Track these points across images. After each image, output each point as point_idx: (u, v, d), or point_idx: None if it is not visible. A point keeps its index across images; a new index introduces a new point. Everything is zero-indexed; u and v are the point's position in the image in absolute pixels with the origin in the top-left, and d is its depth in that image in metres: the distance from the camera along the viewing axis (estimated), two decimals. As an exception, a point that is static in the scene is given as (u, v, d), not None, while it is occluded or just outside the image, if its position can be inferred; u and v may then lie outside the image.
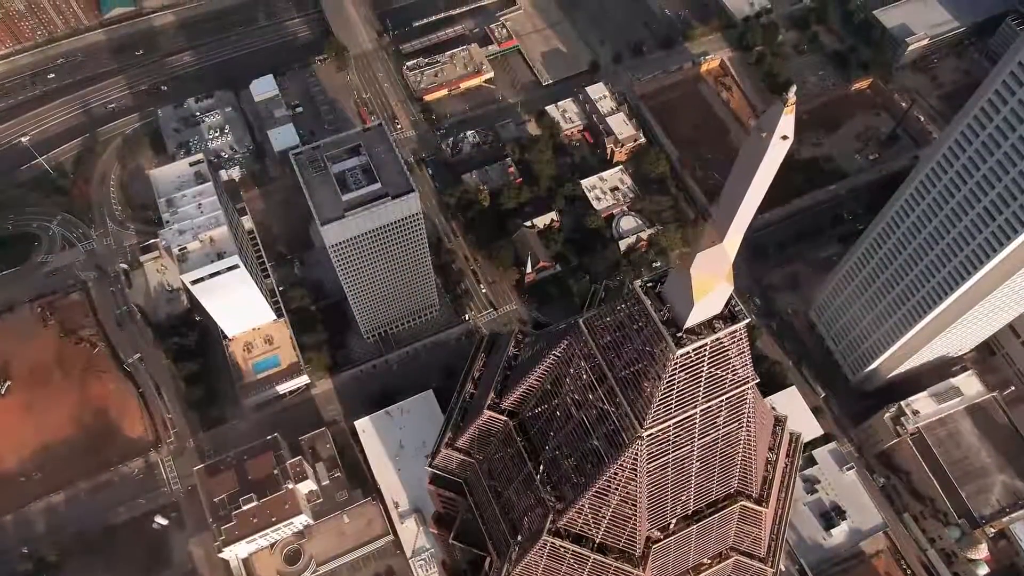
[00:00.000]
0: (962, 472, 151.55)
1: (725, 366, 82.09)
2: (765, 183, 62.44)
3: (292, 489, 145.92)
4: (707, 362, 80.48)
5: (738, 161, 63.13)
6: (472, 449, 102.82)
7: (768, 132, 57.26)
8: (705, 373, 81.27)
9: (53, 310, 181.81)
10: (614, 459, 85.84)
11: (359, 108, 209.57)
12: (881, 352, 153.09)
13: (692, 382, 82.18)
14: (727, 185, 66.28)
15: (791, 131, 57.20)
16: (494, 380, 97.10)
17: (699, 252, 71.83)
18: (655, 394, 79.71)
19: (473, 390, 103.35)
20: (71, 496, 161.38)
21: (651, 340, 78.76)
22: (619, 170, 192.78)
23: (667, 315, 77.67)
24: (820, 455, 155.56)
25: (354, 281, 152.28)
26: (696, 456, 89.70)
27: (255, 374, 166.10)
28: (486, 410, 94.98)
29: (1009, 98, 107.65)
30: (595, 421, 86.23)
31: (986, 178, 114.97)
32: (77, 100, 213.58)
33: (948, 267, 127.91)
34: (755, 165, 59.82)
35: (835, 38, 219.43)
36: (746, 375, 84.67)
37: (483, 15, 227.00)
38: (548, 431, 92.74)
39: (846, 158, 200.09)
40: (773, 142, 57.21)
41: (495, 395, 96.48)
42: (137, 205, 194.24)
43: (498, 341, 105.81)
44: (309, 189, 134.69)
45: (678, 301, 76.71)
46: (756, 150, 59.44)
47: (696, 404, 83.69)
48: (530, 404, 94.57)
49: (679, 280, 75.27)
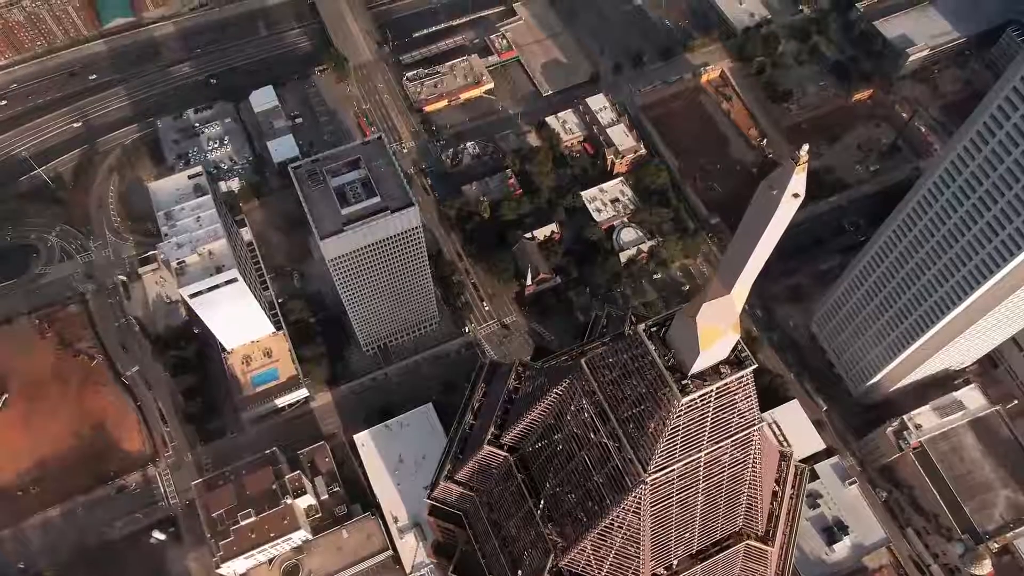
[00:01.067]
0: (965, 487, 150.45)
1: (731, 410, 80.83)
2: (774, 239, 61.42)
3: (291, 504, 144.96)
4: (713, 406, 79.09)
5: (747, 216, 62.08)
6: (472, 482, 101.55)
7: (779, 190, 56.19)
8: (711, 417, 79.96)
9: (51, 322, 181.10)
10: (617, 502, 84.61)
11: (359, 119, 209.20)
12: (883, 366, 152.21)
13: (697, 427, 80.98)
14: (735, 238, 65.28)
15: (803, 189, 56.07)
16: (494, 413, 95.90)
17: (705, 303, 70.66)
18: (659, 439, 78.45)
19: (473, 420, 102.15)
20: (68, 511, 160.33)
21: (655, 384, 77.38)
22: (619, 181, 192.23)
23: (672, 360, 76.18)
24: (822, 469, 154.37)
25: (353, 295, 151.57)
26: (701, 497, 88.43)
27: (254, 387, 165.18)
28: (486, 445, 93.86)
29: (1012, 113, 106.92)
30: (598, 461, 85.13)
31: (989, 193, 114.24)
32: (76, 111, 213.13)
33: (951, 281, 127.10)
34: (765, 222, 58.73)
35: (835, 48, 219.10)
36: (752, 418, 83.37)
37: (483, 26, 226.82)
38: (549, 467, 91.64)
39: (847, 169, 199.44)
40: (784, 200, 56.05)
41: (495, 429, 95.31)
42: (136, 216, 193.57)
43: (498, 370, 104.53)
44: (308, 203, 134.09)
45: (683, 348, 75.40)
46: (766, 207, 58.26)
47: (701, 448, 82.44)
48: (531, 440, 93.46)
49: (684, 328, 74.02)
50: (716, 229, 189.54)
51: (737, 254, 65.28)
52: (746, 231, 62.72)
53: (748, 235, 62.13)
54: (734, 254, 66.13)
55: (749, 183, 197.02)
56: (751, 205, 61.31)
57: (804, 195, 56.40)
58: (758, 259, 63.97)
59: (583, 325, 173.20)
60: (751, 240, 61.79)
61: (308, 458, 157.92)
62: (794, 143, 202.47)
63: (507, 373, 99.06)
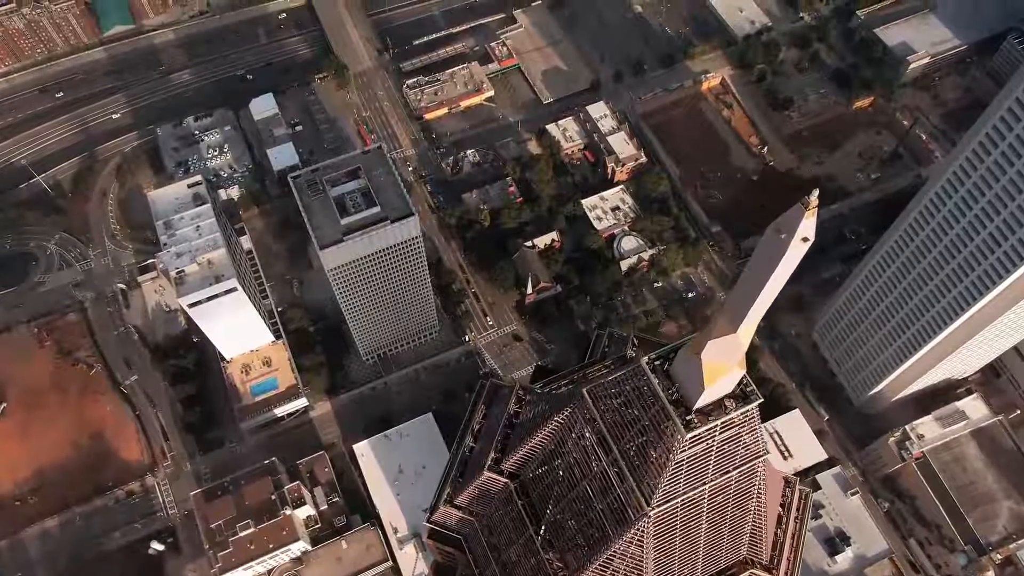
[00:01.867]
0: (968, 497, 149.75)
1: (736, 442, 79.86)
2: (783, 281, 60.90)
3: (290, 515, 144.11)
4: (717, 440, 78.13)
5: (754, 257, 61.55)
6: (471, 507, 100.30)
7: (788, 234, 55.58)
8: (715, 451, 79.01)
9: (50, 331, 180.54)
10: (620, 534, 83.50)
11: (359, 127, 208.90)
12: (885, 375, 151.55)
13: (702, 461, 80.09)
14: (742, 278, 64.75)
15: (812, 233, 55.63)
16: (495, 438, 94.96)
17: (711, 340, 69.90)
18: (663, 473, 77.47)
19: (473, 443, 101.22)
20: (66, 521, 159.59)
21: (658, 418, 76.34)
22: (620, 189, 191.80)
23: (676, 394, 75.31)
24: (824, 480, 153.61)
25: (353, 304, 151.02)
26: (705, 527, 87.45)
27: (253, 397, 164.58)
28: (486, 471, 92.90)
29: (1015, 125, 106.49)
30: (599, 491, 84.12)
31: (992, 204, 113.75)
32: (76, 118, 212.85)
33: (954, 291, 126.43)
34: (773, 265, 58.16)
35: (836, 56, 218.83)
36: (757, 450, 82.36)
37: (483, 33, 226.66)
38: (550, 495, 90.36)
39: (848, 177, 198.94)
40: (793, 244, 55.59)
41: (495, 454, 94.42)
42: (135, 224, 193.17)
43: (499, 392, 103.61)
44: (308, 213, 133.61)
45: (687, 383, 74.46)
46: (774, 250, 57.64)
47: (705, 481, 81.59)
48: (532, 466, 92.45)
49: (689, 363, 73.12)
50: (717, 237, 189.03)
51: (744, 294, 64.63)
52: (753, 272, 62.13)
53: (755, 277, 61.60)
54: (741, 293, 65.46)
55: (750, 191, 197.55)
56: (758, 247, 60.88)
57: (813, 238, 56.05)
58: (765, 300, 63.53)
59: (583, 334, 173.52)
60: (758, 282, 61.20)
61: (307, 468, 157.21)
62: (795, 151, 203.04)
63: (507, 396, 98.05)
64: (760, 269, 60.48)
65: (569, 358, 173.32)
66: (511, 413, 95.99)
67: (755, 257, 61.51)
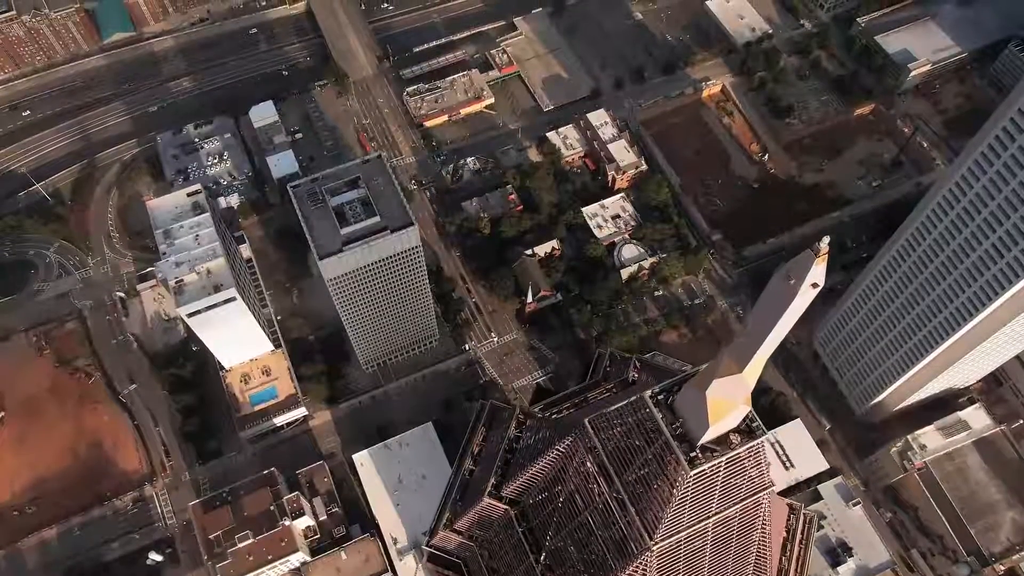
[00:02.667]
0: (971, 508, 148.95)
1: (741, 476, 79.18)
2: (790, 324, 60.72)
3: (289, 526, 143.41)
4: (722, 475, 77.32)
5: (763, 300, 61.37)
6: (471, 532, 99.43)
7: (797, 280, 55.47)
8: (720, 485, 78.20)
9: (49, 339, 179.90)
10: (622, 567, 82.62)
11: (359, 134, 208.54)
12: (887, 385, 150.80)
13: (706, 495, 79.31)
14: (750, 320, 64.43)
15: (822, 279, 55.47)
16: (495, 464, 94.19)
17: (716, 379, 69.37)
18: (666, 507, 76.56)
19: (472, 466, 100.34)
20: (64, 531, 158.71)
21: (662, 452, 75.65)
22: (620, 197, 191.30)
23: (679, 429, 74.48)
24: (826, 490, 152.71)
25: (353, 314, 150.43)
26: (708, 558, 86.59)
27: (252, 406, 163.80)
28: (486, 497, 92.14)
29: (1017, 136, 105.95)
30: (601, 523, 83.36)
31: (994, 215, 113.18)
32: (76, 126, 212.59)
33: (957, 302, 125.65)
34: (781, 310, 58.05)
35: (837, 64, 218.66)
36: (763, 483, 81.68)
37: (483, 41, 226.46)
38: (551, 522, 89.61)
39: (848, 184, 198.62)
40: (803, 290, 55.37)
41: (496, 480, 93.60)
42: (135, 232, 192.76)
43: (498, 414, 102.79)
44: (307, 222, 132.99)
45: (692, 419, 73.86)
46: (782, 296, 57.53)
47: (710, 515, 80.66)
48: (532, 493, 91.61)
49: (693, 399, 72.63)
50: (718, 245, 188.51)
51: (752, 336, 64.28)
52: (761, 315, 61.91)
53: (763, 319, 61.44)
54: (748, 335, 65.02)
55: (751, 199, 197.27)
56: (766, 291, 60.76)
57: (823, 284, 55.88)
58: (773, 342, 63.36)
59: (584, 342, 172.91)
60: (766, 325, 60.98)
61: (307, 478, 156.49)
62: (796, 158, 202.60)
63: (507, 419, 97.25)
64: (768, 312, 60.32)
65: (570, 367, 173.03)
66: (511, 437, 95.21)
67: (763, 300, 61.32)
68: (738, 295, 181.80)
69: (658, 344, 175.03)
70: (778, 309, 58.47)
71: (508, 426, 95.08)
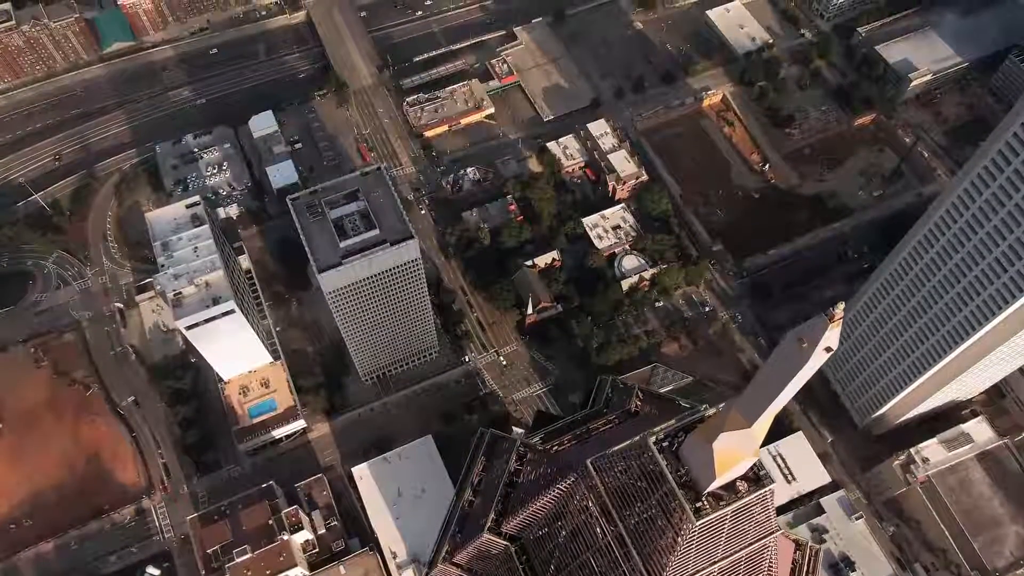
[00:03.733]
0: (974, 522, 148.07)
1: (749, 522, 77.66)
2: (801, 384, 60.22)
3: (287, 540, 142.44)
4: (729, 522, 75.90)
5: (774, 360, 60.97)
6: (470, 565, 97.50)
7: (810, 344, 55.08)
8: (726, 532, 76.75)
9: (46, 351, 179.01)
10: None
11: (359, 144, 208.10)
12: (890, 398, 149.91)
13: (711, 543, 77.84)
14: (759, 377, 63.93)
15: (836, 343, 55.14)
16: (495, 497, 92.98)
17: (724, 432, 68.46)
18: (670, 555, 74.99)
19: (472, 497, 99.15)
20: (62, 544, 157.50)
21: (666, 500, 73.98)
22: (621, 208, 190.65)
23: (685, 477, 73.03)
24: (828, 503, 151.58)
25: (352, 326, 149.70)
26: None
27: (251, 418, 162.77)
28: (486, 533, 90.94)
29: (1021, 151, 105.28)
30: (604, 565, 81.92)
31: (997, 230, 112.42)
32: (75, 135, 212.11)
33: (962, 314, 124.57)
34: (792, 372, 57.63)
35: (837, 73, 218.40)
36: (771, 527, 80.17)
37: (484, 50, 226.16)
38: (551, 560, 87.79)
39: (850, 194, 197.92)
40: (816, 353, 54.92)
41: (496, 515, 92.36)
42: (133, 243, 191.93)
43: (498, 444, 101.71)
44: (306, 235, 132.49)
45: (698, 468, 72.45)
46: (794, 359, 57.09)
47: (715, 561, 79.35)
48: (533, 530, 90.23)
49: (700, 450, 71.42)
50: (718, 256, 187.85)
51: (761, 393, 63.68)
52: (772, 374, 61.40)
53: (773, 378, 60.97)
54: (757, 393, 64.41)
55: (751, 209, 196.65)
56: (778, 351, 60.46)
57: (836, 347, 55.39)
58: (783, 400, 62.75)
59: (585, 354, 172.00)
60: (777, 385, 60.41)
61: (305, 491, 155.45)
62: (796, 168, 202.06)
63: (508, 451, 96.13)
64: (779, 373, 59.93)
65: (570, 378, 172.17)
66: (511, 471, 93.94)
67: (774, 360, 60.93)
68: (739, 306, 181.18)
69: (659, 355, 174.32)
70: (789, 371, 58.13)
71: (508, 458, 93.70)
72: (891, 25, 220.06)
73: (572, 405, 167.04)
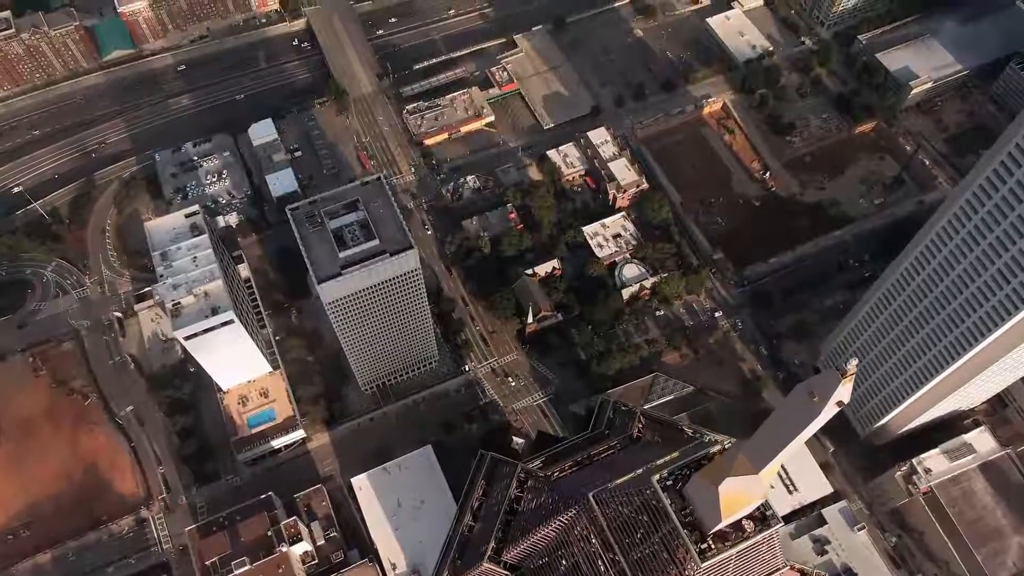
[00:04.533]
0: (977, 534, 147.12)
1: (755, 560, 76.63)
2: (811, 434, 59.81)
3: (286, 552, 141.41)
4: (735, 561, 74.89)
5: (784, 411, 60.77)
6: None
7: (821, 398, 54.87)
8: (732, 570, 75.77)
9: (45, 360, 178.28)
10: None
11: (359, 152, 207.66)
12: (892, 408, 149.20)
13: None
14: (768, 425, 63.47)
15: (848, 397, 54.97)
16: (495, 525, 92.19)
17: (731, 476, 67.79)
18: None
19: (472, 522, 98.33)
20: (59, 555, 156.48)
21: (670, 539, 73.00)
22: (621, 216, 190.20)
23: (690, 516, 72.02)
24: (830, 514, 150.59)
25: (351, 336, 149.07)
26: None
27: (250, 428, 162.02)
28: (486, 562, 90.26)
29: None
30: None
31: (999, 241, 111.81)
32: (74, 143, 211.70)
33: (965, 324, 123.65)
34: (802, 425, 57.35)
35: (838, 81, 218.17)
36: (777, 564, 79.41)
37: (484, 58, 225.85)
38: None
39: (851, 202, 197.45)
40: (827, 407, 54.68)
41: (496, 543, 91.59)
42: (132, 251, 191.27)
43: (499, 469, 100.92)
44: (306, 245, 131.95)
45: (703, 509, 71.61)
46: (805, 411, 56.91)
47: None
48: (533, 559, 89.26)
49: (706, 492, 70.65)
50: (719, 264, 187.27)
51: (770, 441, 63.28)
52: (782, 425, 61.28)
53: (783, 429, 60.70)
54: (766, 439, 64.12)
55: (752, 217, 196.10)
56: (788, 402, 60.28)
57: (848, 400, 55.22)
58: (792, 449, 62.37)
59: (585, 363, 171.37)
60: (786, 436, 60.12)
61: (305, 502, 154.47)
62: (797, 176, 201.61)
63: (508, 476, 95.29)
64: (788, 423, 59.86)
65: (571, 388, 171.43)
66: (512, 498, 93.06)
67: (784, 411, 60.72)
68: (740, 314, 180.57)
69: (659, 364, 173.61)
70: (799, 423, 58.02)
71: (509, 485, 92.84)
72: (891, 33, 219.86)
73: (573, 415, 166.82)
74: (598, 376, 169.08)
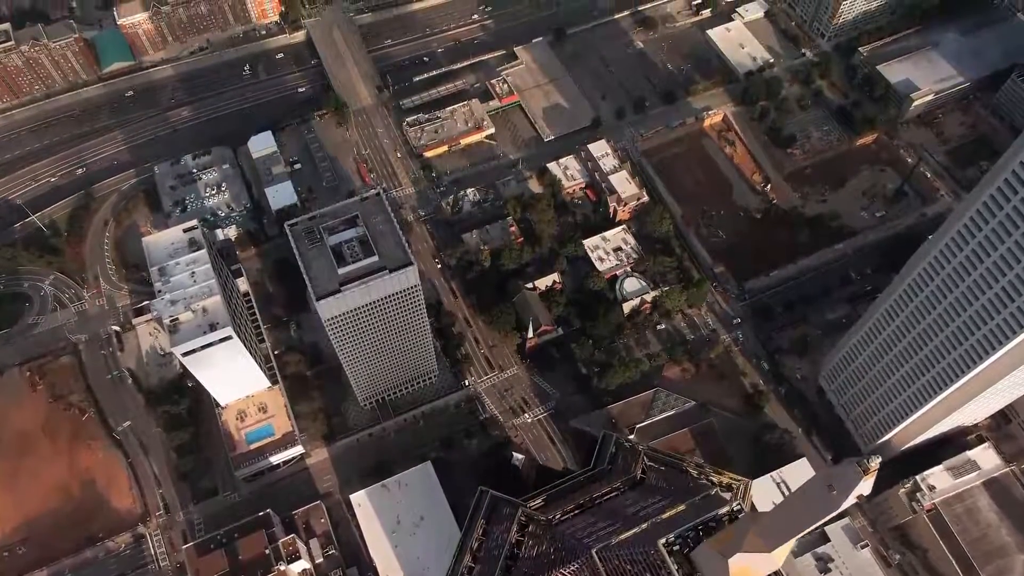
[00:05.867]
0: (981, 551, 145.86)
1: None
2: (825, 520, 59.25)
3: (284, 570, 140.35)
4: None
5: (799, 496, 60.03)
6: None
7: (840, 492, 54.16)
8: None
9: (42, 374, 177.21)
10: None
11: (358, 165, 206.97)
12: (895, 424, 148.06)
13: None
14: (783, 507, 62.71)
15: (869, 490, 54.25)
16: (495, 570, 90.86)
17: (742, 552, 66.72)
18: None
19: (471, 563, 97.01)
20: (55, 572, 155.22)
21: None
22: (622, 229, 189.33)
23: None
24: (833, 532, 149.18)
25: (350, 352, 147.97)
26: None
27: (248, 444, 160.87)
28: None
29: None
30: None
31: (1003, 260, 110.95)
32: (73, 156, 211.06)
33: (969, 342, 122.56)
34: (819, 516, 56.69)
35: (839, 93, 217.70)
36: None
37: (484, 70, 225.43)
38: None
39: (852, 215, 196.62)
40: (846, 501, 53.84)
41: None
42: (131, 265, 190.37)
43: (499, 509, 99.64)
44: (304, 261, 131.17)
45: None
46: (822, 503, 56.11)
47: None
48: None
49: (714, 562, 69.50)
50: (720, 278, 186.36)
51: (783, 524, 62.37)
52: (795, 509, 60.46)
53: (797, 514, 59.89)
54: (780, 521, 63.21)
55: (753, 229, 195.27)
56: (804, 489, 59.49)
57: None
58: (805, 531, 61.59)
59: (586, 378, 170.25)
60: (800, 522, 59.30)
61: (303, 519, 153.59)
62: (798, 188, 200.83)
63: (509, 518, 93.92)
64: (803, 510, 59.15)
65: (571, 403, 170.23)
66: (512, 542, 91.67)
67: (800, 496, 60.08)
68: (741, 328, 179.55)
69: (661, 379, 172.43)
70: (816, 514, 57.52)
71: (510, 528, 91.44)
72: (892, 45, 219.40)
73: (574, 431, 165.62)
74: (599, 391, 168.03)
